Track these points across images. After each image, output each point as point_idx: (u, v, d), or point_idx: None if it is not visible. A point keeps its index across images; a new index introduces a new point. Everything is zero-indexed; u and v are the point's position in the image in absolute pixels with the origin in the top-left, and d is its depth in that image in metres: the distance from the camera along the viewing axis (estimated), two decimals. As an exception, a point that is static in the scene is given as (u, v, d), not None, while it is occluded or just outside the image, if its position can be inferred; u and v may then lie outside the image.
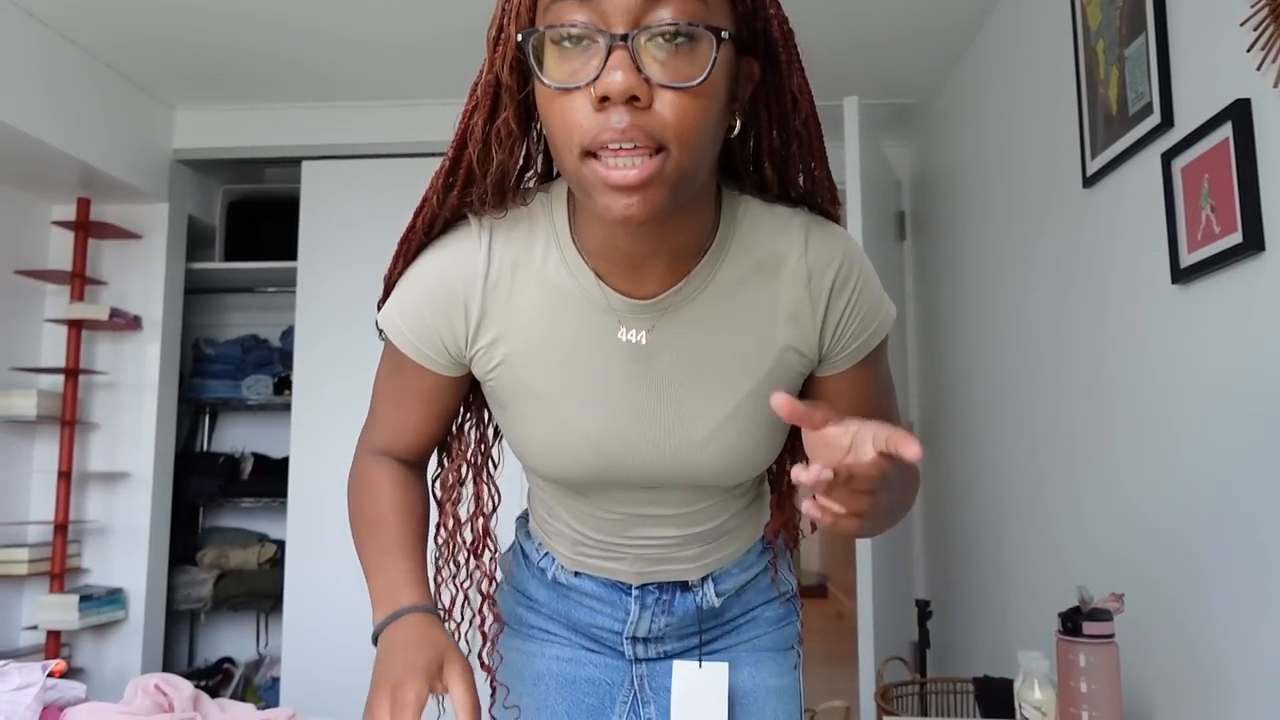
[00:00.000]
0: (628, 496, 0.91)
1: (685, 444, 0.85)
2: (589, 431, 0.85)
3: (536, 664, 1.01)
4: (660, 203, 0.69)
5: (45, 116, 2.74)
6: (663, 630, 1.00)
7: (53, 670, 1.71)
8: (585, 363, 0.83)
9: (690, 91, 0.67)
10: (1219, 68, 1.48)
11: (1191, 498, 1.57)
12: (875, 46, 2.89)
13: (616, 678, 1.01)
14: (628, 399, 0.84)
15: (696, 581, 0.99)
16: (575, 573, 1.00)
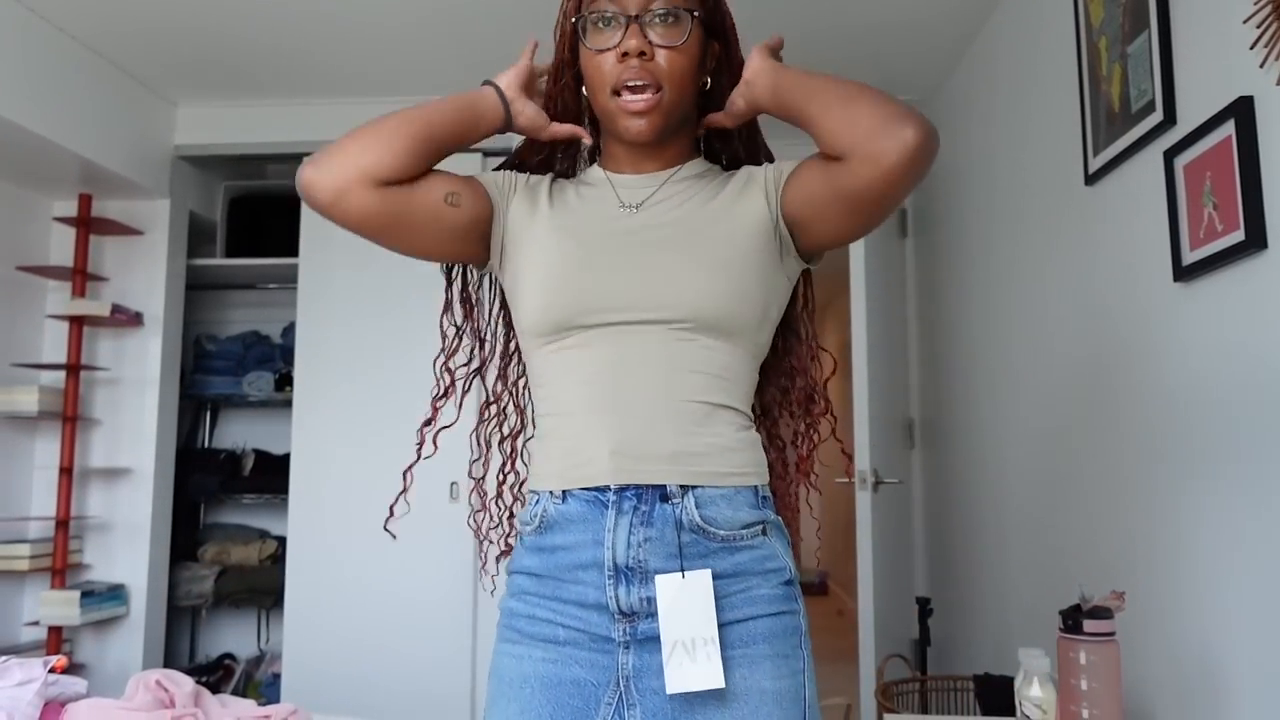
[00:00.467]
0: (615, 336, 1.03)
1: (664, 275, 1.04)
2: (583, 257, 1.07)
3: (523, 666, 1.03)
4: (659, 125, 1.08)
5: (47, 112, 2.74)
6: (641, 546, 0.99)
7: (54, 666, 1.71)
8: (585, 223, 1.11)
9: (677, 49, 1.07)
10: (1222, 65, 1.48)
11: (1193, 496, 1.56)
12: (877, 43, 2.88)
13: (602, 678, 1.00)
14: (619, 245, 1.08)
15: (677, 494, 1.00)
16: (564, 495, 1.03)
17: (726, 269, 1.04)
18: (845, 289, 3.14)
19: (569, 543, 1.02)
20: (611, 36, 1.06)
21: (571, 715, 0.99)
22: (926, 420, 3.49)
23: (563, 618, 1.02)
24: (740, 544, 1.02)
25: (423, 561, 3.17)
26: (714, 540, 1.00)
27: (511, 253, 1.13)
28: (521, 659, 1.03)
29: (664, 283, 1.03)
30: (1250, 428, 1.40)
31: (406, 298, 3.29)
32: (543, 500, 1.05)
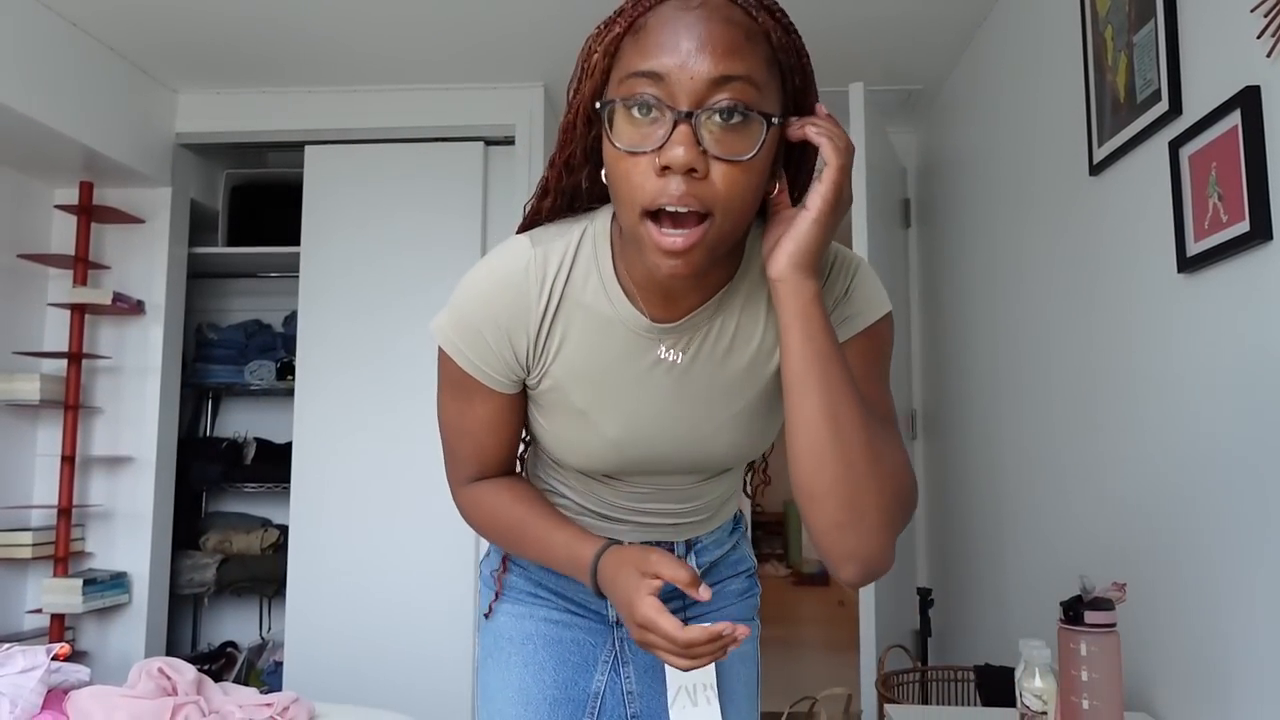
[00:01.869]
0: (637, 481, 1.02)
1: (699, 438, 0.96)
2: (616, 435, 0.95)
3: (526, 625, 1.08)
4: (700, 263, 0.80)
5: (47, 99, 2.74)
6: None
7: (57, 653, 1.72)
8: (620, 378, 0.93)
9: (740, 165, 0.77)
10: (1228, 54, 1.47)
11: (1195, 487, 1.56)
12: (882, 32, 2.87)
13: (599, 639, 1.08)
14: (656, 407, 0.94)
15: (683, 551, 1.09)
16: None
17: (760, 421, 0.97)
18: (848, 279, 3.11)
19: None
20: (650, 134, 0.77)
21: (571, 670, 1.07)
22: (928, 411, 3.49)
23: (561, 600, 1.10)
24: (718, 565, 1.16)
25: (424, 550, 3.18)
26: (702, 569, 1.13)
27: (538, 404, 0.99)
28: (524, 618, 1.08)
29: (704, 451, 0.97)
30: (1253, 419, 1.39)
31: (408, 287, 3.30)
32: None
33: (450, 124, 3.31)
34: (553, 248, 0.92)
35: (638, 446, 0.96)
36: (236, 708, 1.71)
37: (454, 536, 3.19)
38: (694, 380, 0.93)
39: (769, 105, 0.80)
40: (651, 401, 0.93)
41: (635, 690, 1.07)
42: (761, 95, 0.79)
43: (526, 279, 0.91)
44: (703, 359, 0.93)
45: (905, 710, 1.70)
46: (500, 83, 3.27)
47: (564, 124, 0.89)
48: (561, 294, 0.91)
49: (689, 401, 0.94)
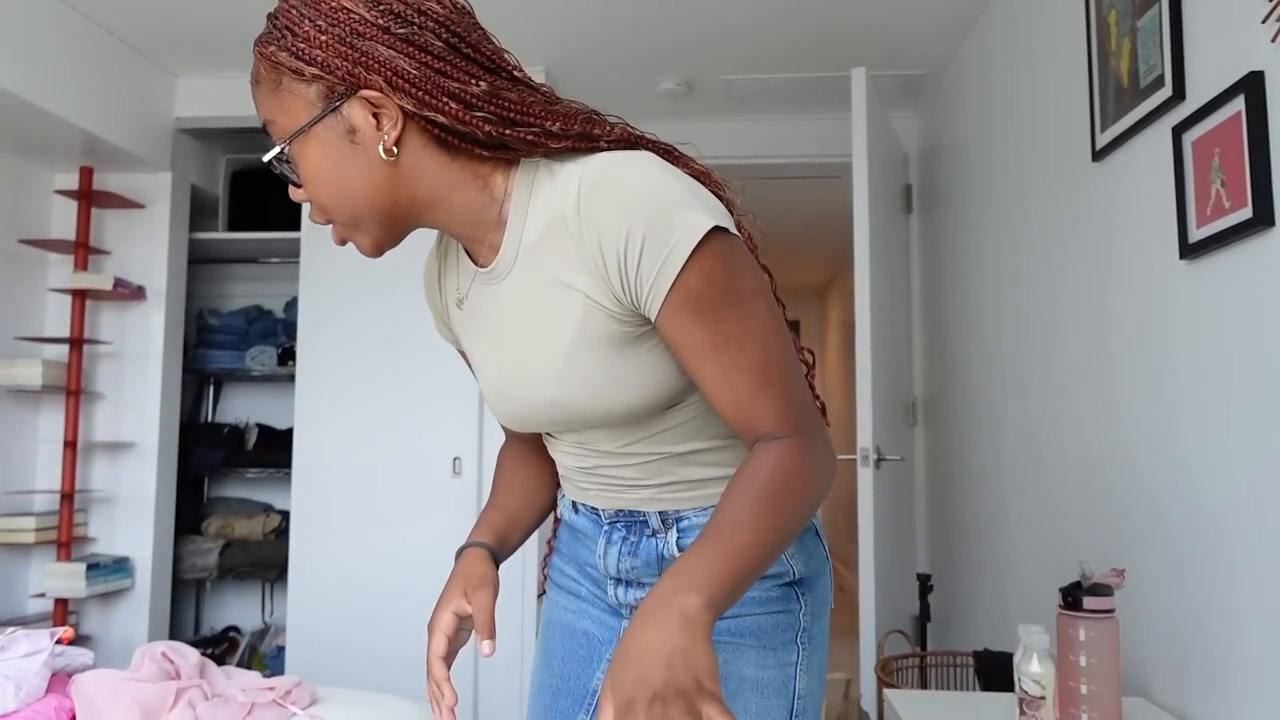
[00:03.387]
0: (566, 439, 1.01)
1: (541, 393, 0.92)
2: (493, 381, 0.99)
3: (552, 611, 1.13)
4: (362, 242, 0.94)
5: (46, 84, 2.73)
6: (630, 572, 1.02)
7: (61, 637, 1.72)
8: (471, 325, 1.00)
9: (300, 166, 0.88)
10: (1232, 40, 1.46)
11: (1195, 473, 1.56)
12: (884, 17, 2.85)
13: (607, 636, 1.07)
14: (499, 351, 0.96)
15: (659, 527, 0.99)
16: (574, 505, 1.07)
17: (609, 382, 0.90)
18: (849, 266, 3.12)
19: (581, 539, 1.09)
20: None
21: (576, 663, 1.09)
22: (929, 398, 3.49)
23: (583, 579, 1.10)
24: None
25: (426, 535, 3.19)
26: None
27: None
28: (554, 604, 1.13)
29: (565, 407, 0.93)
30: (1254, 406, 1.39)
31: (409, 273, 3.28)
32: (564, 503, 1.11)
33: (451, 109, 3.29)
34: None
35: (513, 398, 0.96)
36: (239, 691, 1.72)
37: (455, 522, 3.19)
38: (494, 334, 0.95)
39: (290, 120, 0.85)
40: (494, 345, 0.96)
41: None
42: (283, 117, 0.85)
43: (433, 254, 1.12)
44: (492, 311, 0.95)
45: (904, 695, 1.71)
46: (501, 67, 3.25)
47: None
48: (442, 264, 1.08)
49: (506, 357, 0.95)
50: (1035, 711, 1.35)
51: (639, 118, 1.04)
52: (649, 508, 0.99)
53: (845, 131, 3.49)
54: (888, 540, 2.96)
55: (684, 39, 3.00)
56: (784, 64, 3.19)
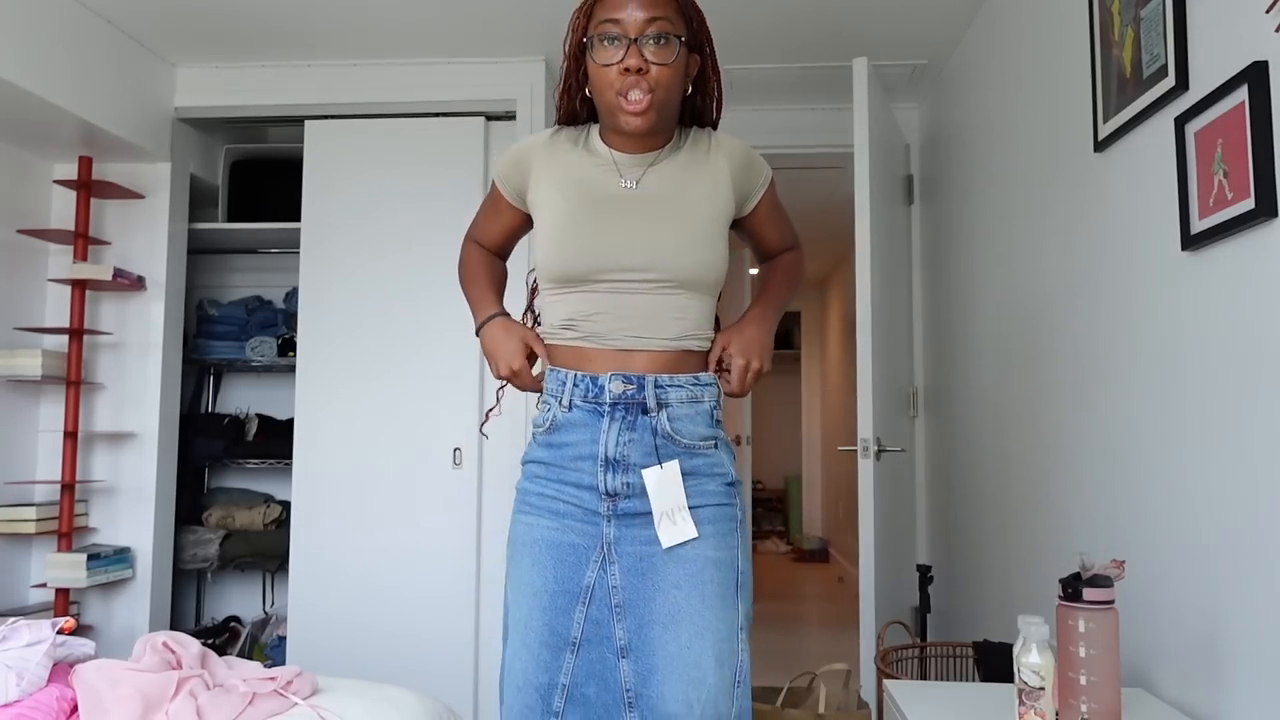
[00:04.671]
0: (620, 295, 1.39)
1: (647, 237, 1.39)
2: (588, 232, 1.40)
3: (534, 532, 1.39)
4: (652, 120, 1.37)
5: (45, 73, 2.72)
6: (627, 446, 1.37)
7: (62, 627, 1.73)
8: (591, 195, 1.43)
9: (667, 66, 1.36)
10: (1236, 30, 1.45)
11: (1196, 465, 1.56)
12: (886, 7, 2.84)
13: (590, 543, 1.36)
14: (619, 216, 1.41)
15: (654, 407, 1.38)
16: (570, 406, 1.39)
17: (701, 240, 1.41)
18: (850, 256, 3.12)
19: (572, 440, 1.39)
20: (615, 54, 1.35)
21: (568, 568, 1.36)
22: (930, 389, 3.49)
23: (564, 495, 1.39)
24: (697, 451, 1.40)
25: (426, 525, 3.19)
26: (679, 445, 1.38)
27: (534, 214, 1.49)
28: (532, 526, 1.40)
29: (654, 251, 1.39)
30: (1255, 398, 1.39)
31: (409, 263, 3.29)
32: (553, 409, 1.42)
33: (451, 98, 3.28)
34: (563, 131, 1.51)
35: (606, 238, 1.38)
36: (240, 681, 1.72)
37: (455, 510, 3.20)
38: (643, 201, 1.42)
39: (680, 32, 1.38)
40: (615, 209, 1.41)
41: (619, 584, 1.34)
42: (674, 27, 1.37)
43: (543, 135, 1.51)
44: (647, 187, 1.43)
45: (904, 686, 1.71)
46: (501, 56, 3.24)
47: (563, 65, 1.47)
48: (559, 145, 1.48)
49: (641, 212, 1.41)
50: (1035, 702, 1.35)
51: (640, 107, 1.11)
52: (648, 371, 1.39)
53: (847, 122, 3.49)
54: (888, 531, 2.96)
55: (685, 28, 2.98)
56: (785, 54, 3.18)
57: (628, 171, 1.42)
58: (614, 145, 1.44)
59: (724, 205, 1.45)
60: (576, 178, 1.43)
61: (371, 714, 1.73)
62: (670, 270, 1.38)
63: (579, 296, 1.40)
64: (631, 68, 1.32)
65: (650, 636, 1.30)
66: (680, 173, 1.44)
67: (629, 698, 1.30)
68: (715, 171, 1.45)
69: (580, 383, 1.38)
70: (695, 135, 1.49)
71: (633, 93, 1.33)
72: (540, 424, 1.43)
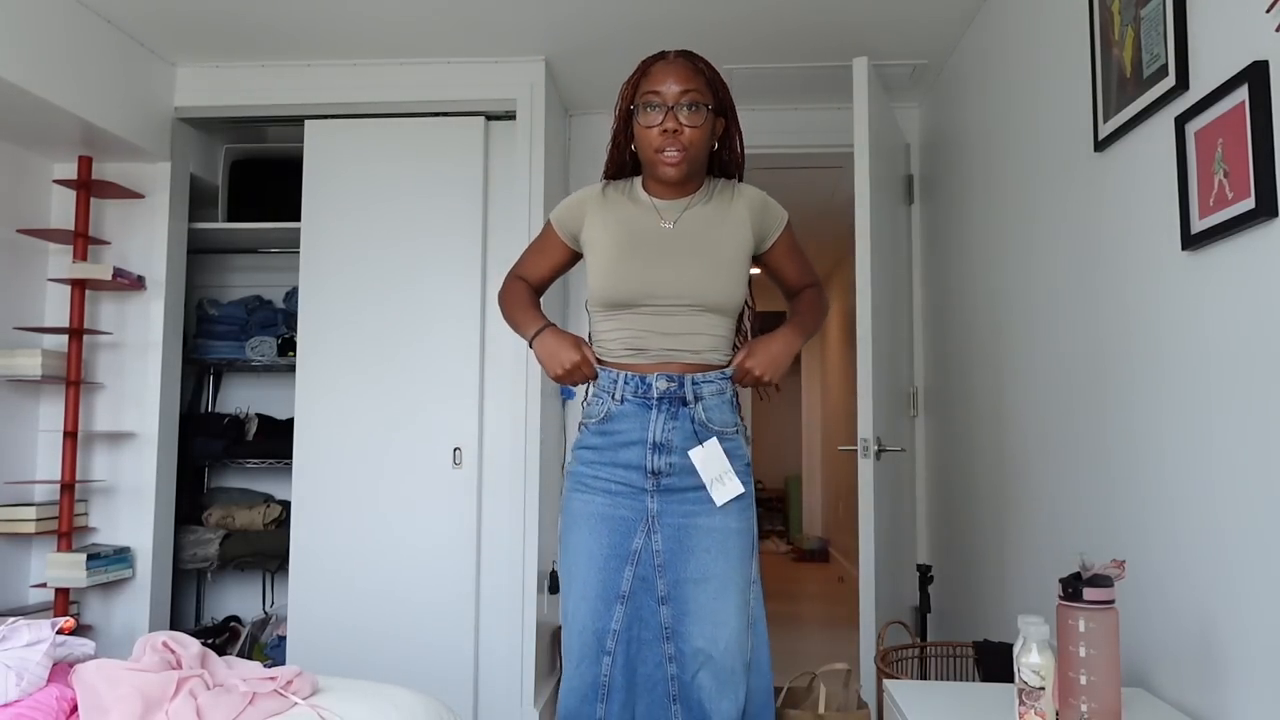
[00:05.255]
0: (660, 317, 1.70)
1: (683, 270, 1.70)
2: (637, 266, 1.71)
3: (590, 507, 1.68)
4: (684, 172, 1.70)
5: (44, 73, 2.72)
6: (671, 432, 1.68)
7: (62, 627, 1.72)
8: (637, 235, 1.74)
9: (697, 128, 1.68)
10: (1237, 29, 1.45)
11: (1196, 464, 1.56)
12: (886, 7, 2.84)
13: (638, 515, 1.67)
14: (661, 252, 1.72)
15: (692, 400, 1.69)
16: (621, 400, 1.70)
17: (726, 272, 1.72)
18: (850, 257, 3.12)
19: (623, 428, 1.70)
20: (656, 118, 1.67)
21: (619, 536, 1.67)
22: (930, 388, 3.49)
23: (615, 476, 1.69)
24: (726, 436, 1.71)
25: (426, 526, 3.19)
26: (711, 430, 1.70)
27: (587, 251, 1.80)
28: (589, 502, 1.69)
29: (687, 282, 1.70)
30: (1256, 398, 1.39)
31: (410, 263, 3.29)
32: (606, 402, 1.71)
33: (451, 98, 3.28)
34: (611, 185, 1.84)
35: (652, 271, 1.69)
36: (241, 681, 1.72)
37: (456, 510, 3.20)
38: (678, 239, 1.73)
39: (708, 101, 1.69)
40: (657, 246, 1.72)
41: (661, 549, 1.66)
42: (704, 97, 1.69)
43: (596, 187, 1.83)
44: (682, 228, 1.74)
45: (904, 685, 1.71)
46: (501, 56, 3.24)
47: (614, 126, 1.79)
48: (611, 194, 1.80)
49: (678, 248, 1.72)
50: (1035, 702, 1.35)
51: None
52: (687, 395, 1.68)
53: (847, 121, 3.48)
54: (888, 531, 2.96)
55: (685, 28, 2.99)
56: (786, 54, 3.18)
57: (667, 214, 1.74)
58: (654, 193, 1.76)
59: (744, 244, 1.76)
60: (625, 221, 1.74)
61: (371, 714, 1.73)
62: (699, 297, 1.68)
63: (627, 317, 1.70)
64: (669, 129, 1.63)
65: (685, 590, 1.64)
66: (709, 216, 1.74)
67: (666, 633, 1.64)
68: (737, 215, 1.76)
69: (630, 381, 1.69)
70: (722, 186, 1.80)
71: (669, 150, 1.65)
72: (593, 415, 1.73)
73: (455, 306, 3.26)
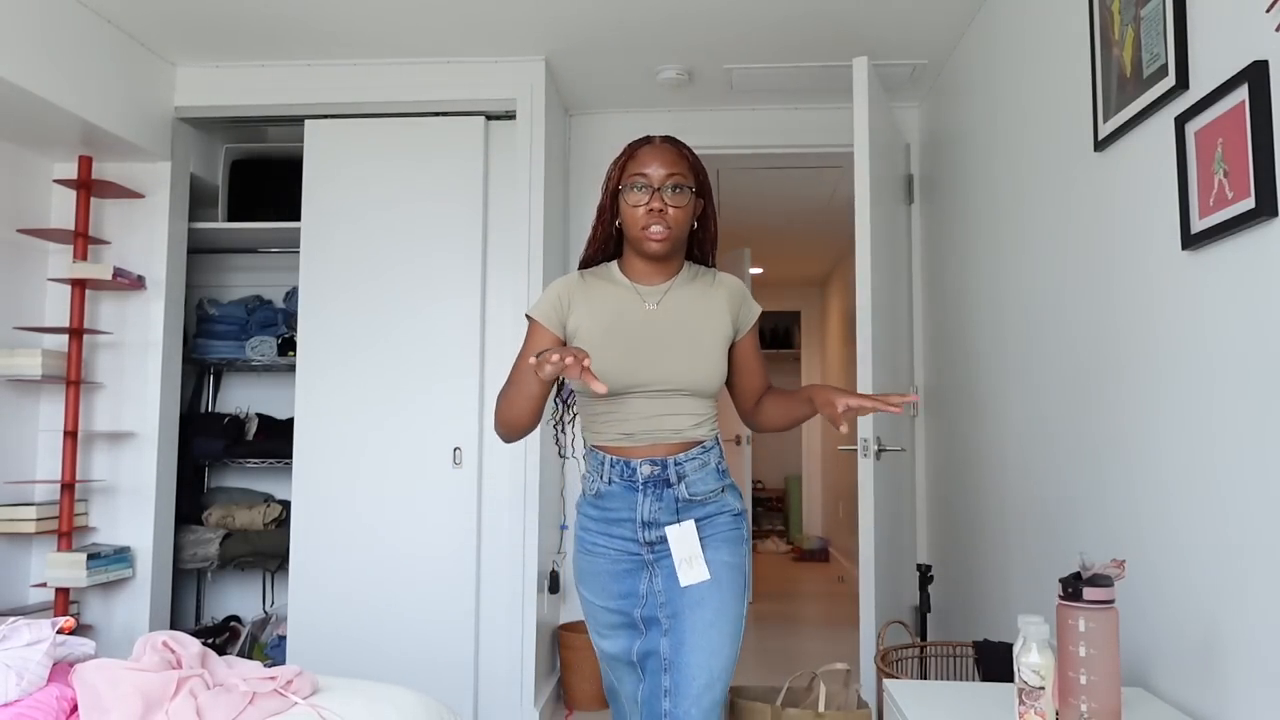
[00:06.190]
0: (645, 401, 1.72)
1: (670, 356, 1.73)
2: (624, 352, 1.72)
3: (597, 565, 1.78)
4: (668, 249, 1.73)
5: (45, 72, 2.72)
6: (656, 513, 1.72)
7: (62, 627, 1.73)
8: (623, 319, 1.76)
9: (681, 208, 1.72)
10: (1237, 29, 1.45)
11: (1196, 464, 1.56)
12: (886, 6, 2.84)
13: (638, 567, 1.75)
14: (645, 337, 1.74)
15: (675, 480, 1.74)
16: (609, 481, 1.74)
17: (708, 358, 1.76)
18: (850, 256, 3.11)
19: (614, 505, 1.76)
20: (642, 198, 1.70)
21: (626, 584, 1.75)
22: (930, 388, 3.49)
23: (612, 544, 1.76)
24: (709, 501, 1.77)
25: (427, 526, 3.19)
26: (695, 502, 1.75)
27: (573, 340, 1.77)
28: (595, 561, 1.78)
29: (671, 367, 1.73)
30: (1256, 397, 1.39)
31: (410, 263, 3.29)
32: (597, 483, 1.78)
33: (451, 98, 3.28)
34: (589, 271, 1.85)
35: (637, 357, 1.71)
36: (241, 680, 1.72)
37: (456, 510, 3.20)
38: (663, 320, 1.76)
39: (691, 184, 1.74)
40: (643, 334, 1.74)
41: (660, 588, 1.74)
42: (687, 180, 1.73)
43: (573, 277, 1.83)
44: (666, 311, 1.77)
45: (904, 685, 1.71)
46: (501, 56, 3.24)
47: (600, 203, 1.81)
48: (589, 281, 1.81)
49: (662, 333, 1.75)
50: (1035, 701, 1.35)
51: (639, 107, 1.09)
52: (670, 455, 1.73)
53: (847, 121, 3.49)
54: (888, 531, 2.96)
55: (685, 28, 2.99)
56: (786, 53, 3.18)
57: (649, 296, 1.79)
58: (635, 277, 1.80)
59: (724, 330, 1.81)
60: (609, 304, 1.77)
61: (371, 714, 1.73)
62: (685, 382, 1.74)
63: (614, 403, 1.75)
64: (656, 209, 1.70)
65: (682, 620, 1.71)
66: (692, 299, 1.80)
67: (665, 664, 1.71)
68: (717, 301, 1.81)
69: (617, 465, 1.75)
70: (700, 272, 1.85)
71: (655, 226, 1.70)
72: (589, 491, 1.81)
73: (455, 306, 3.26)
